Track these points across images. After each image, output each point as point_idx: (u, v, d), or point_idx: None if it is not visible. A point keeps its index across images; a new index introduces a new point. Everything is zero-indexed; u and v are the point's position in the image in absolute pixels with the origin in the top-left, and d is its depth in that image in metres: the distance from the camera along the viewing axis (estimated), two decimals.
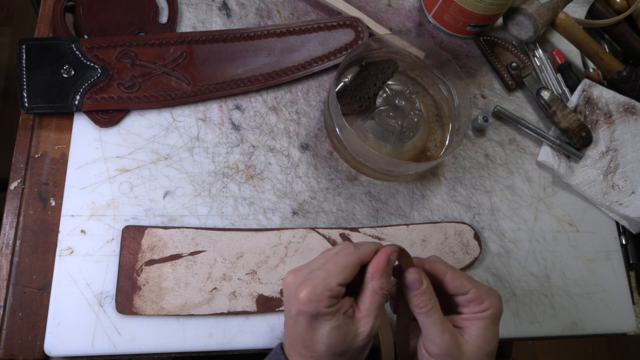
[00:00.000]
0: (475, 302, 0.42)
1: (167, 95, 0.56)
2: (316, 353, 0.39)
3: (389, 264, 0.41)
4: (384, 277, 0.40)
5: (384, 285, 0.40)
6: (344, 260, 0.40)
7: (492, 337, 0.43)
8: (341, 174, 0.59)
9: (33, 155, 0.53)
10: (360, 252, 0.41)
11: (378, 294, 0.40)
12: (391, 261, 0.41)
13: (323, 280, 0.39)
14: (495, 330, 0.43)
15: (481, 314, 0.42)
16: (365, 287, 0.41)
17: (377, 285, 0.40)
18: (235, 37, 0.59)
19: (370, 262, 0.41)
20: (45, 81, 0.53)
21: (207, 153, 0.56)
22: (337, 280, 0.39)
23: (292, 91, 0.61)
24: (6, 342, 0.47)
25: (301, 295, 0.38)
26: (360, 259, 0.41)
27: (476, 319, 0.42)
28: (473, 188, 0.61)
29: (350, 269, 0.40)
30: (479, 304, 0.42)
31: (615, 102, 0.66)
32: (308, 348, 0.40)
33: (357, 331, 0.40)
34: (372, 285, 0.40)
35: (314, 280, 0.39)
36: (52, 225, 0.51)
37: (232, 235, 0.53)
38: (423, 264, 0.44)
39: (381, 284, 0.40)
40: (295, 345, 0.41)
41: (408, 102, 0.59)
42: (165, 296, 0.49)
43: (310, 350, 0.39)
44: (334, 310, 0.39)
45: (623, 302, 0.61)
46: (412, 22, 0.68)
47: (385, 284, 0.40)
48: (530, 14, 0.63)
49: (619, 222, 0.64)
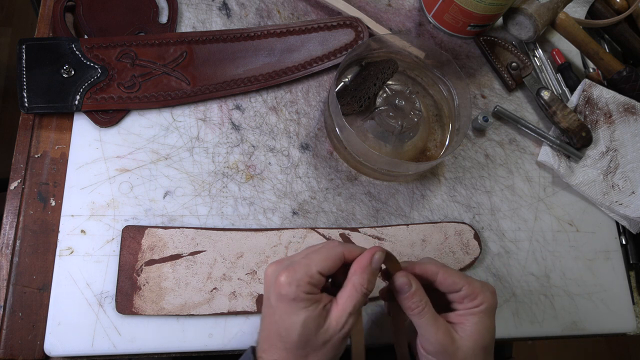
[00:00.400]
0: (469, 298, 0.43)
1: (167, 95, 0.56)
2: (289, 344, 0.39)
3: (373, 262, 0.41)
4: (365, 273, 0.40)
5: (365, 282, 0.40)
6: (327, 252, 0.41)
7: (487, 330, 0.43)
8: (341, 174, 0.59)
9: (33, 155, 0.53)
10: (345, 247, 0.41)
11: (357, 291, 0.40)
12: (375, 260, 0.41)
13: (304, 267, 0.39)
14: (490, 324, 0.43)
15: (475, 309, 0.43)
16: (347, 282, 0.41)
17: (357, 280, 0.40)
18: (235, 37, 0.59)
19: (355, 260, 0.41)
20: (45, 81, 0.53)
21: (207, 153, 0.56)
22: (318, 268, 0.39)
23: (292, 91, 0.61)
24: (6, 342, 0.47)
25: (281, 278, 0.39)
26: (344, 254, 0.41)
27: (470, 315, 0.43)
28: (473, 188, 0.61)
29: (332, 259, 0.40)
30: (472, 299, 0.43)
31: (615, 102, 0.66)
32: (282, 338, 0.39)
33: (330, 325, 0.39)
34: (353, 281, 0.40)
35: (296, 267, 0.39)
36: (52, 225, 0.51)
37: (232, 235, 0.53)
38: (413, 268, 0.44)
39: (362, 280, 0.40)
40: (269, 337, 0.41)
41: (408, 102, 0.59)
42: (165, 296, 0.49)
43: (284, 341, 0.39)
44: (312, 299, 0.39)
45: (623, 302, 0.61)
46: (412, 22, 0.68)
47: (367, 282, 0.40)
48: (530, 14, 0.63)
49: (619, 222, 0.64)
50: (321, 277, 0.40)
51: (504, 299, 0.58)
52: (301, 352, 0.39)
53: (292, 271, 0.39)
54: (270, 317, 0.41)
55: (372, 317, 0.54)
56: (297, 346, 0.39)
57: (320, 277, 0.40)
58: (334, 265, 0.41)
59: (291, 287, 0.38)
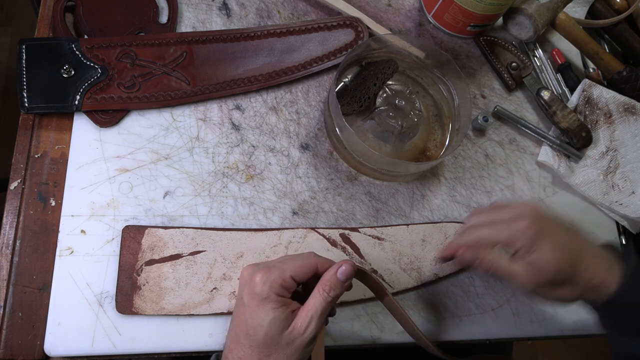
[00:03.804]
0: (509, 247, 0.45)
1: (167, 95, 0.56)
2: (254, 342, 0.41)
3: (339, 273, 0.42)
4: (330, 282, 0.42)
5: (329, 290, 0.42)
6: (302, 260, 0.43)
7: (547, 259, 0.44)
8: (341, 174, 0.59)
9: (33, 155, 0.53)
10: (319, 259, 0.43)
11: (322, 297, 0.42)
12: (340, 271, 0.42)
13: (279, 270, 0.41)
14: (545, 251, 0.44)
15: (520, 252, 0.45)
16: (315, 289, 0.42)
17: (322, 287, 0.42)
18: (235, 37, 0.59)
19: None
20: (45, 81, 0.53)
21: (207, 153, 0.56)
22: (291, 273, 0.41)
23: (292, 91, 0.61)
24: (6, 342, 0.47)
25: (256, 278, 0.41)
26: (317, 265, 0.43)
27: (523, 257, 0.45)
28: (473, 188, 0.61)
29: (306, 268, 0.42)
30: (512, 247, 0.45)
31: (615, 102, 0.66)
32: (249, 336, 0.41)
33: (295, 327, 0.41)
34: (319, 287, 0.42)
35: (271, 269, 0.41)
36: (52, 225, 0.51)
37: (232, 235, 0.53)
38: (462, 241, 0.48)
39: (327, 288, 0.42)
40: (237, 336, 0.42)
41: (408, 102, 0.59)
42: (165, 296, 0.49)
43: (250, 339, 0.41)
44: (282, 302, 0.41)
45: None
46: (412, 22, 0.68)
47: (330, 289, 0.42)
48: (530, 14, 0.63)
49: (619, 222, 0.64)
50: (293, 282, 0.42)
51: (504, 299, 0.58)
52: (265, 350, 0.41)
53: (267, 272, 0.41)
54: (240, 316, 0.42)
55: (372, 317, 0.54)
56: (262, 344, 0.41)
57: (292, 282, 0.42)
58: (307, 273, 0.42)
59: (264, 286, 0.40)
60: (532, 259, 0.44)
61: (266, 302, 0.40)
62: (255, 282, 0.41)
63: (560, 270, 0.44)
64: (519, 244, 0.45)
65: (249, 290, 0.41)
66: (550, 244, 0.45)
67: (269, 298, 0.40)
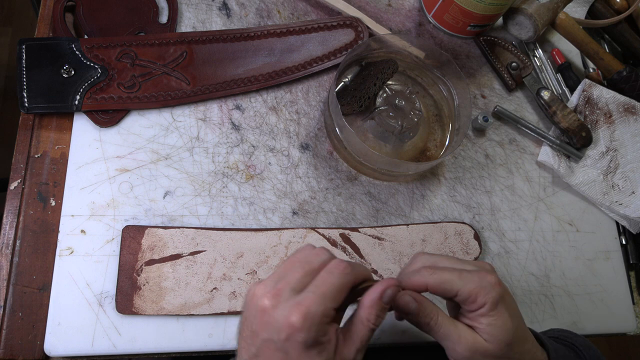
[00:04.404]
0: (468, 301, 0.39)
1: (167, 95, 0.56)
2: None
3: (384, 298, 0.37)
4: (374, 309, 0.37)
5: (373, 319, 0.37)
6: (339, 282, 0.36)
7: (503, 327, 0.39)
8: (341, 174, 0.59)
9: (33, 155, 0.53)
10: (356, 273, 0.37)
11: (365, 327, 0.37)
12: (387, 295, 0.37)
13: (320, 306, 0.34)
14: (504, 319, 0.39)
15: (480, 310, 0.39)
16: (355, 317, 0.37)
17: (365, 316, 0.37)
18: (235, 37, 0.59)
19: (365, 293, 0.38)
20: (45, 81, 0.53)
21: (207, 153, 0.56)
22: (334, 304, 0.35)
23: (292, 91, 0.61)
24: (6, 342, 0.47)
25: (293, 319, 0.33)
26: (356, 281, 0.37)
27: (479, 316, 0.39)
28: (473, 188, 0.61)
29: (345, 291, 0.36)
30: (472, 302, 0.39)
31: (615, 102, 0.66)
32: None
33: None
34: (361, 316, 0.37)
35: (308, 303, 0.34)
36: (52, 225, 0.51)
37: (232, 235, 0.53)
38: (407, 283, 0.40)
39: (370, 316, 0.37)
40: None
41: (408, 102, 0.59)
42: (165, 296, 0.49)
43: None
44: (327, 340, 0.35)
45: (623, 302, 0.61)
46: (412, 22, 0.68)
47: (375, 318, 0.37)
48: (530, 14, 0.63)
49: (619, 222, 0.64)
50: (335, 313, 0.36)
51: None
52: None
53: (306, 310, 0.33)
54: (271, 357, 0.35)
55: None
56: None
57: (333, 313, 0.35)
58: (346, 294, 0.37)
59: (310, 333, 0.33)
60: (488, 322, 0.39)
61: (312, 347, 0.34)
62: (293, 325, 0.33)
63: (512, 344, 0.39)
64: (482, 300, 0.38)
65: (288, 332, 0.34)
66: (510, 312, 0.39)
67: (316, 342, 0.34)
